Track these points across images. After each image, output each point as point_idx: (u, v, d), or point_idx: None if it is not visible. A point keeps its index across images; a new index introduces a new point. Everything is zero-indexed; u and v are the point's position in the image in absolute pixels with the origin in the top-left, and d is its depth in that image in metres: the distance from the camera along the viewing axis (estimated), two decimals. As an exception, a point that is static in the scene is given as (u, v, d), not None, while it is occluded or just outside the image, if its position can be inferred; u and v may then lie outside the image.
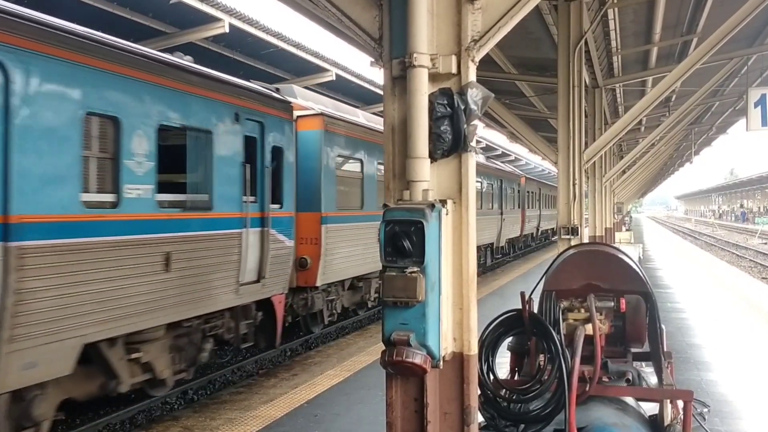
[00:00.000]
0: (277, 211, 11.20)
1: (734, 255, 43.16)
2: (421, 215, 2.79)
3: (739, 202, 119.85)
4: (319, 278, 12.71)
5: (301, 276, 12.63)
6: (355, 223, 14.27)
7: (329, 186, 13.13)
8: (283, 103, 11.80)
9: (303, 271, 12.59)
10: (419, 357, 2.77)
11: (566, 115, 9.81)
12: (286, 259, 11.52)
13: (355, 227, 14.22)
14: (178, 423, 8.37)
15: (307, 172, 12.78)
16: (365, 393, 9.03)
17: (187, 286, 8.78)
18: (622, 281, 4.78)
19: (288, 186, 11.70)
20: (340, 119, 13.98)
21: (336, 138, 13.51)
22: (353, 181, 14.84)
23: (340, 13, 3.21)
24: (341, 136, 13.80)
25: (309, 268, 12.59)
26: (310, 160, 12.83)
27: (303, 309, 12.96)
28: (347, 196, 14.40)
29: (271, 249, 10.78)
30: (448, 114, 2.92)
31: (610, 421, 3.99)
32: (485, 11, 2.98)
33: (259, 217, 10.62)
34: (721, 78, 14.83)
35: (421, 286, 2.77)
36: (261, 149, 10.76)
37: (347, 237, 13.80)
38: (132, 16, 13.01)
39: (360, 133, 14.83)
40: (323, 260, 12.74)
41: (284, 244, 11.39)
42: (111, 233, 7.55)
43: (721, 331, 13.28)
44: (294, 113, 12.30)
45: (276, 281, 11.17)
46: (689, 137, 26.40)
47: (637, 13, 11.45)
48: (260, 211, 10.67)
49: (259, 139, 10.73)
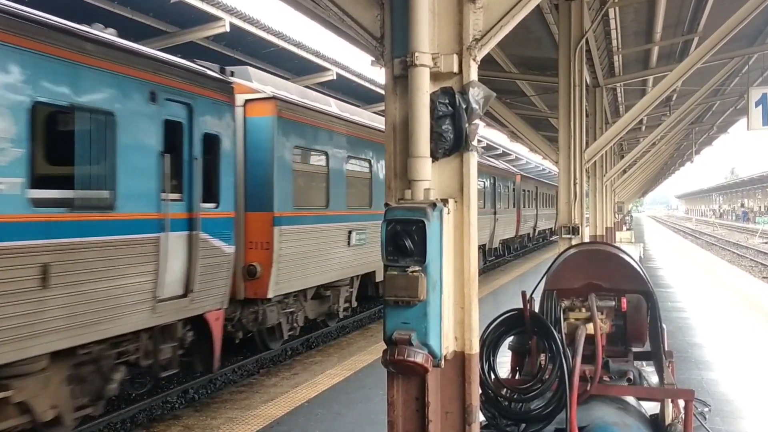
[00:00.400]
0: (212, 211, 9.56)
1: (735, 254, 43.15)
2: (422, 214, 2.79)
3: (739, 201, 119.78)
4: (271, 288, 10.98)
5: (250, 286, 10.93)
6: (318, 224, 12.65)
7: (284, 182, 11.41)
8: (221, 83, 9.99)
9: (252, 281, 10.89)
10: (421, 356, 2.77)
11: (567, 115, 9.81)
12: (225, 267, 9.80)
13: (318, 229, 12.62)
14: (179, 422, 8.38)
15: (258, 166, 11.06)
16: (366, 392, 9.04)
17: (79, 305, 7.12)
18: (623, 280, 4.78)
19: (227, 181, 9.98)
20: (298, 105, 12.22)
21: (294, 126, 11.85)
22: (317, 176, 13.14)
23: (341, 13, 3.21)
24: (302, 124, 12.15)
25: (259, 277, 10.87)
26: (260, 152, 11.09)
27: (254, 324, 11.25)
28: (309, 193, 12.76)
29: (202, 256, 9.11)
30: (449, 113, 2.92)
31: (611, 421, 3.99)
32: (487, 10, 2.98)
33: (186, 219, 8.94)
34: (722, 77, 14.84)
35: (423, 286, 2.77)
36: (188, 137, 9.05)
37: (308, 240, 12.16)
38: (133, 15, 13.01)
39: (326, 123, 13.24)
40: (276, 267, 11.03)
41: (221, 250, 9.67)
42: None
43: (722, 331, 13.28)
44: (242, 97, 10.88)
45: (210, 294, 9.46)
46: (690, 136, 26.38)
47: (638, 12, 11.45)
48: (187, 211, 8.98)
49: (186, 125, 9.03)
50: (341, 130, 13.75)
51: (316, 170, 13.11)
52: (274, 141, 11.14)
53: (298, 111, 12.05)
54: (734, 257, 41.11)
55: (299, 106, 12.16)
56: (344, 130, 13.86)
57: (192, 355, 9.66)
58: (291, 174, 11.70)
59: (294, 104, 12.00)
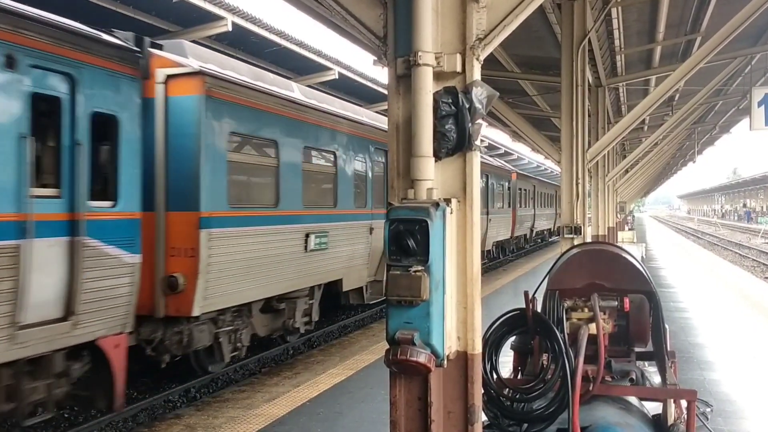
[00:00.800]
0: (107, 211, 7.79)
1: (737, 254, 43.11)
2: (425, 214, 2.78)
3: (741, 201, 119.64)
4: (197, 304, 9.10)
5: (172, 302, 9.07)
6: (264, 226, 10.70)
7: (216, 175, 9.48)
8: (121, 51, 8.14)
9: (173, 295, 9.04)
10: (423, 356, 2.77)
11: (569, 114, 9.80)
12: (126, 282, 8.02)
13: (264, 232, 10.67)
14: (180, 421, 8.38)
15: (181, 155, 9.20)
16: (368, 391, 9.04)
17: None
18: (626, 280, 4.78)
19: (129, 174, 8.17)
20: (237, 83, 10.19)
21: (231, 109, 9.90)
22: (263, 170, 11.13)
23: (344, 12, 3.21)
24: (242, 107, 10.18)
25: (182, 291, 9.01)
26: (184, 138, 9.18)
27: (178, 347, 9.32)
28: (251, 190, 10.98)
29: (89, 268, 7.36)
30: (452, 113, 2.92)
31: (613, 421, 3.99)
32: (490, 10, 2.98)
33: (67, 221, 7.19)
34: (725, 77, 14.83)
35: (426, 285, 2.77)
36: (70, 116, 7.26)
37: (251, 245, 10.24)
38: (135, 14, 13.01)
39: (277, 107, 11.20)
40: (204, 279, 9.14)
41: (120, 260, 7.90)
42: None
43: (724, 331, 13.26)
44: (163, 72, 9.14)
45: (104, 316, 7.68)
46: (692, 136, 26.35)
47: (641, 12, 11.43)
48: (67, 211, 7.21)
49: (66, 101, 7.26)
50: (298, 116, 11.83)
51: (262, 162, 11.13)
52: (201, 125, 9.20)
53: (235, 90, 10.06)
54: (736, 257, 41.07)
55: (237, 85, 10.19)
56: (301, 116, 11.93)
57: (91, 388, 8.08)
58: (225, 166, 9.76)
59: (230, 82, 10.02)
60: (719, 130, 26.69)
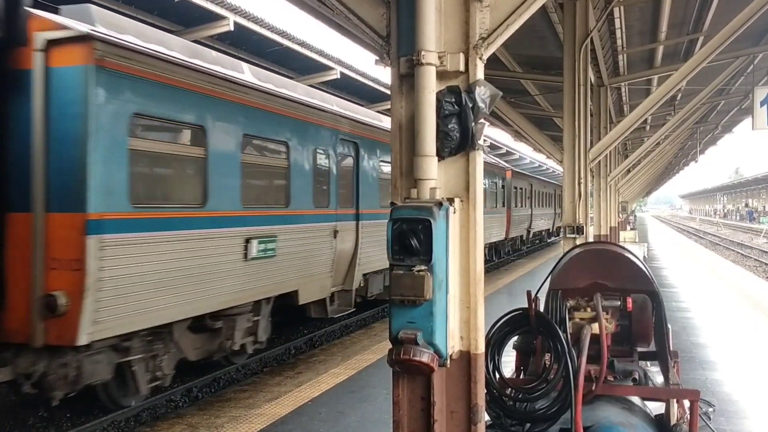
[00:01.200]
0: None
1: (739, 254, 43.07)
2: (428, 213, 2.78)
3: (744, 201, 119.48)
4: (84, 330, 7.22)
5: (53, 327, 7.25)
6: (185, 230, 8.75)
7: (111, 167, 7.64)
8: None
9: (54, 319, 7.21)
10: (426, 355, 2.76)
11: (572, 114, 9.80)
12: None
13: (186, 238, 8.74)
14: (182, 421, 8.38)
15: (62, 141, 7.41)
16: (370, 391, 9.04)
17: None
18: (629, 280, 4.77)
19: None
20: (141, 52, 8.16)
21: (134, 84, 7.98)
22: (183, 162, 9.11)
23: (347, 11, 3.20)
24: (150, 83, 8.24)
25: (64, 313, 7.20)
26: (67, 119, 7.41)
27: (64, 384, 7.49)
28: (166, 186, 8.97)
29: None
30: (455, 112, 2.92)
31: (616, 421, 3.98)
32: (493, 9, 2.98)
33: None
34: (727, 77, 14.80)
35: (429, 285, 2.76)
36: None
37: (166, 254, 8.42)
38: (137, 14, 13.02)
39: (205, 85, 9.19)
40: (93, 298, 7.29)
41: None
42: None
43: (726, 331, 13.25)
44: (42, 36, 7.37)
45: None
46: (694, 136, 26.33)
47: (643, 11, 11.42)
48: None
49: None
50: (234, 98, 9.81)
51: (181, 153, 9.12)
52: (89, 103, 7.38)
53: (140, 61, 8.08)
54: (738, 257, 41.03)
55: (144, 55, 8.17)
56: (240, 98, 9.96)
57: None
58: (125, 155, 7.86)
59: (132, 50, 8.00)
60: (721, 129, 26.66)
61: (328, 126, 12.89)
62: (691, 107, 16.48)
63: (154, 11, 13.42)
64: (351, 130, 13.82)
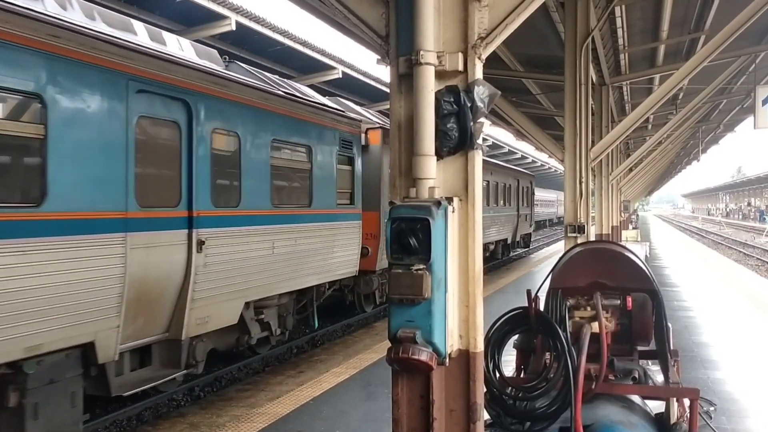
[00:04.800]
0: None
1: (741, 253, 43.02)
2: (427, 213, 2.79)
3: (746, 200, 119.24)
4: None
5: None
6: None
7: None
8: None
9: None
10: (425, 354, 2.78)
11: (573, 113, 9.80)
12: None
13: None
14: (184, 419, 8.39)
15: None
16: (371, 390, 9.05)
17: None
18: (629, 279, 4.77)
19: None
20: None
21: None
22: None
23: (346, 11, 3.21)
24: None
25: None
26: None
27: None
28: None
29: None
30: (454, 111, 2.93)
31: (616, 419, 3.99)
32: (492, 8, 2.99)
33: None
34: (729, 75, 14.79)
35: (427, 284, 2.77)
36: None
37: None
38: (139, 14, 13.06)
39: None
40: None
41: None
42: None
43: (728, 330, 13.24)
44: None
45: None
46: (696, 135, 26.30)
47: (645, 10, 11.42)
48: None
49: None
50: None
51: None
52: None
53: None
54: (741, 256, 40.99)
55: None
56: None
57: None
58: None
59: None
60: (723, 128, 26.63)
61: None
62: (693, 106, 16.46)
63: (155, 11, 13.45)
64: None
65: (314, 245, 11.93)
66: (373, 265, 14.53)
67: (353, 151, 13.53)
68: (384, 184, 14.50)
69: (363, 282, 14.75)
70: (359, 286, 14.82)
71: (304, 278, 11.71)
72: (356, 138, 13.67)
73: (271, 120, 10.58)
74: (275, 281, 10.66)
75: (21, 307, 6.33)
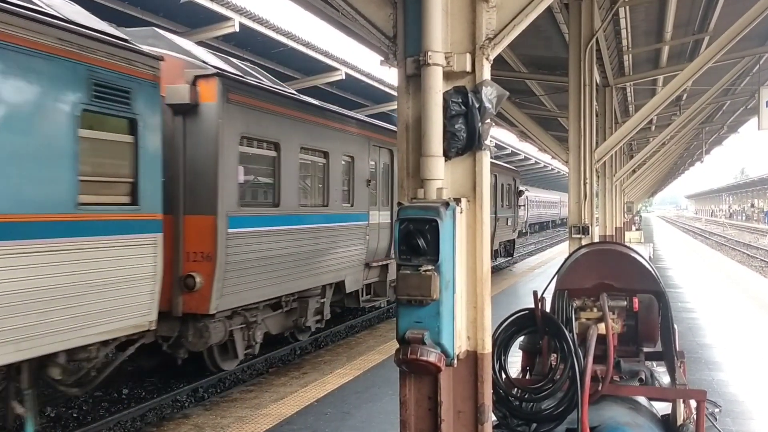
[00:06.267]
0: None
1: (745, 255, 42.95)
2: (435, 213, 2.79)
3: (749, 201, 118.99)
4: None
5: None
6: None
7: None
8: None
9: None
10: (433, 355, 2.77)
11: (577, 114, 9.79)
12: None
13: None
14: (188, 421, 8.39)
15: None
16: (375, 391, 9.04)
17: None
18: (635, 280, 4.77)
19: None
20: None
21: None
22: None
23: (354, 12, 3.21)
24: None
25: None
26: None
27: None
28: None
29: None
30: (462, 112, 2.92)
31: (622, 421, 3.98)
32: (500, 9, 2.98)
33: None
34: (733, 77, 14.77)
35: (436, 285, 2.77)
36: None
37: None
38: (143, 15, 13.08)
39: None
40: None
41: None
42: None
43: (732, 331, 13.22)
44: None
45: None
46: (700, 136, 26.27)
47: (649, 11, 11.41)
48: None
49: None
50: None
51: None
52: None
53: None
54: (744, 257, 40.91)
55: None
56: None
57: None
58: None
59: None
60: (727, 129, 26.59)
61: None
62: (697, 107, 16.44)
63: (159, 12, 13.47)
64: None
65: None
66: (204, 303, 9.15)
67: (138, 108, 7.91)
68: (224, 169, 9.31)
69: (192, 331, 9.28)
70: (186, 338, 9.31)
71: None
72: (148, 86, 8.14)
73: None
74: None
75: None
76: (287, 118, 11.12)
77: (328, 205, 12.52)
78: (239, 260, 9.66)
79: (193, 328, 9.32)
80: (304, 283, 11.65)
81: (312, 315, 12.23)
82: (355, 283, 13.82)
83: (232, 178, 9.58)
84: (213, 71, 9.46)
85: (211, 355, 10.08)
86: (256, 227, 10.21)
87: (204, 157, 9.25)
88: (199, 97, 9.21)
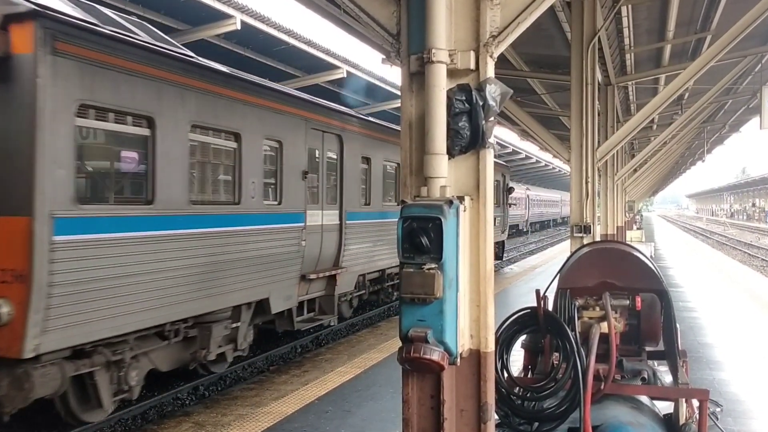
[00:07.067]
0: None
1: (746, 254, 42.92)
2: (439, 212, 2.78)
3: (751, 201, 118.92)
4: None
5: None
6: None
7: None
8: None
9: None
10: (436, 354, 2.76)
11: (579, 113, 9.78)
12: None
13: None
14: (189, 419, 8.39)
15: None
16: (376, 390, 9.03)
17: None
18: (637, 279, 4.76)
19: None
20: None
21: None
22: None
23: (357, 9, 3.20)
24: None
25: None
26: None
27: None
28: None
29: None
30: (466, 110, 2.91)
31: (625, 420, 3.97)
32: (504, 7, 2.97)
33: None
34: (735, 76, 14.75)
35: (439, 283, 2.76)
36: None
37: None
38: (144, 13, 13.06)
39: None
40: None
41: None
42: None
43: (733, 330, 13.21)
44: None
45: None
46: (701, 135, 26.24)
47: (651, 10, 11.38)
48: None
49: None
50: None
51: None
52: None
53: None
54: (745, 257, 40.89)
55: None
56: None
57: None
58: None
59: None
60: (729, 129, 26.57)
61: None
62: (699, 106, 16.41)
63: (161, 10, 13.45)
64: None
65: None
66: (15, 343, 6.45)
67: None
68: (48, 149, 6.61)
69: (8, 381, 6.65)
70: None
71: None
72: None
73: None
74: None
75: None
76: (169, 84, 8.31)
77: (239, 203, 9.80)
78: (77, 279, 6.95)
79: (8, 377, 6.60)
80: (200, 305, 8.95)
81: (219, 343, 9.72)
82: (286, 301, 11.10)
83: (62, 164, 6.79)
84: (29, 8, 6.63)
85: (66, 404, 7.61)
86: (111, 233, 7.43)
87: (15, 132, 6.57)
88: (11, 46, 6.53)
